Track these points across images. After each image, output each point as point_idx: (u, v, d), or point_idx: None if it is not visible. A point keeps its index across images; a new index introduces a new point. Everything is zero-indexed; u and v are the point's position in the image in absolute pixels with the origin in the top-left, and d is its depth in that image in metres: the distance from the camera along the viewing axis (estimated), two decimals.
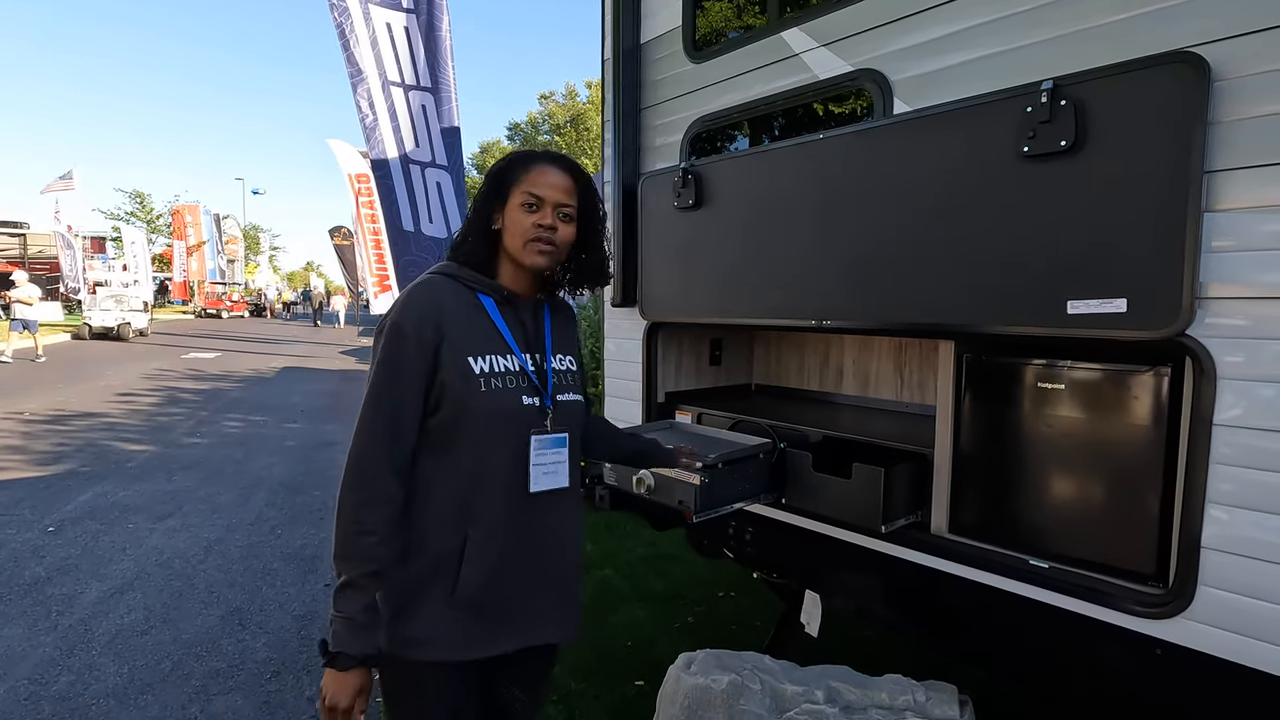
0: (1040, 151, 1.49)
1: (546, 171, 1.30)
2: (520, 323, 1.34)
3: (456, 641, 1.23)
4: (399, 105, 3.41)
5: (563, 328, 1.45)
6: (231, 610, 3.47)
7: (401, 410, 1.21)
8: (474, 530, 1.23)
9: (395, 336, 1.22)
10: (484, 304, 1.30)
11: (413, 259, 3.50)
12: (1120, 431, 1.53)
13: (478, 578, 1.22)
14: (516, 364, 1.29)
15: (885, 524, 1.84)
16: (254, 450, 6.91)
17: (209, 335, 22.00)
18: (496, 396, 1.24)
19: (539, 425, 1.29)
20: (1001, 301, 1.61)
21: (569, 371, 1.41)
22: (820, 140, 1.95)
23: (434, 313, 1.23)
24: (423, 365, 1.21)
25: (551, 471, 1.30)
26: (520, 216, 1.28)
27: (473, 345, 1.25)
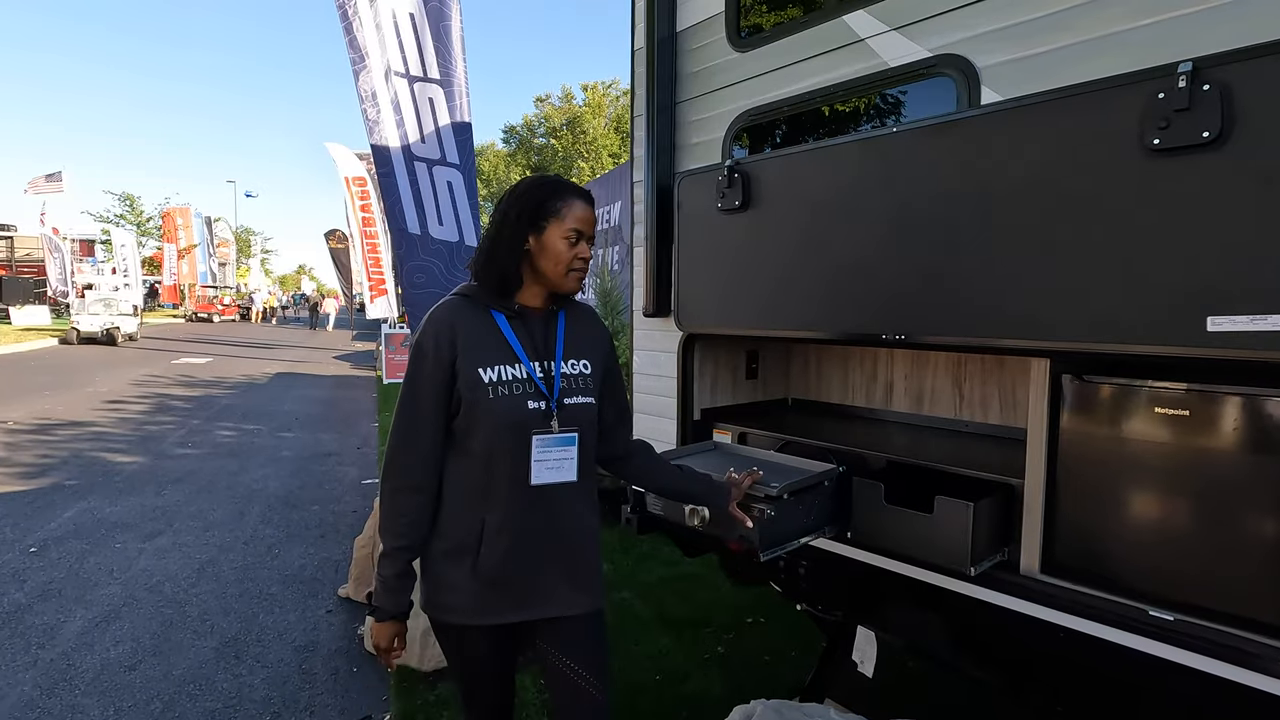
0: (1174, 144, 1.29)
1: (585, 209, 1.50)
2: (529, 334, 1.50)
3: (476, 608, 1.46)
4: (403, 97, 3.19)
5: (581, 331, 1.59)
6: (226, 641, 3.23)
7: (420, 418, 1.43)
8: (489, 517, 1.43)
9: (417, 355, 1.44)
10: (496, 320, 1.47)
11: (420, 264, 3.27)
12: (1266, 466, 1.33)
13: (494, 556, 1.43)
14: (524, 372, 1.46)
15: (974, 565, 1.63)
16: (248, 461, 6.66)
17: (200, 340, 21.65)
18: (503, 402, 1.41)
19: (543, 426, 1.45)
20: (1118, 316, 1.40)
21: (580, 375, 1.54)
22: (892, 135, 1.74)
23: (449, 332, 1.42)
24: (440, 378, 1.42)
25: (555, 467, 1.47)
26: (563, 248, 1.46)
27: (483, 357, 1.43)
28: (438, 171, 3.34)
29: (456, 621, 1.49)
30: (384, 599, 1.46)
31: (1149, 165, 1.34)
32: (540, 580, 1.49)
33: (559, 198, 1.47)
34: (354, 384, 12.75)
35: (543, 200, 1.47)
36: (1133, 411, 1.50)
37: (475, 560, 1.43)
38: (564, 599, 1.52)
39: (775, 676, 2.90)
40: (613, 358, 1.64)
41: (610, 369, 1.63)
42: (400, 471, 1.44)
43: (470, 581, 1.44)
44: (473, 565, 1.43)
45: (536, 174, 1.55)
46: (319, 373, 14.43)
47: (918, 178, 1.69)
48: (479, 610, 1.47)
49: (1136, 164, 1.35)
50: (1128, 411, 1.50)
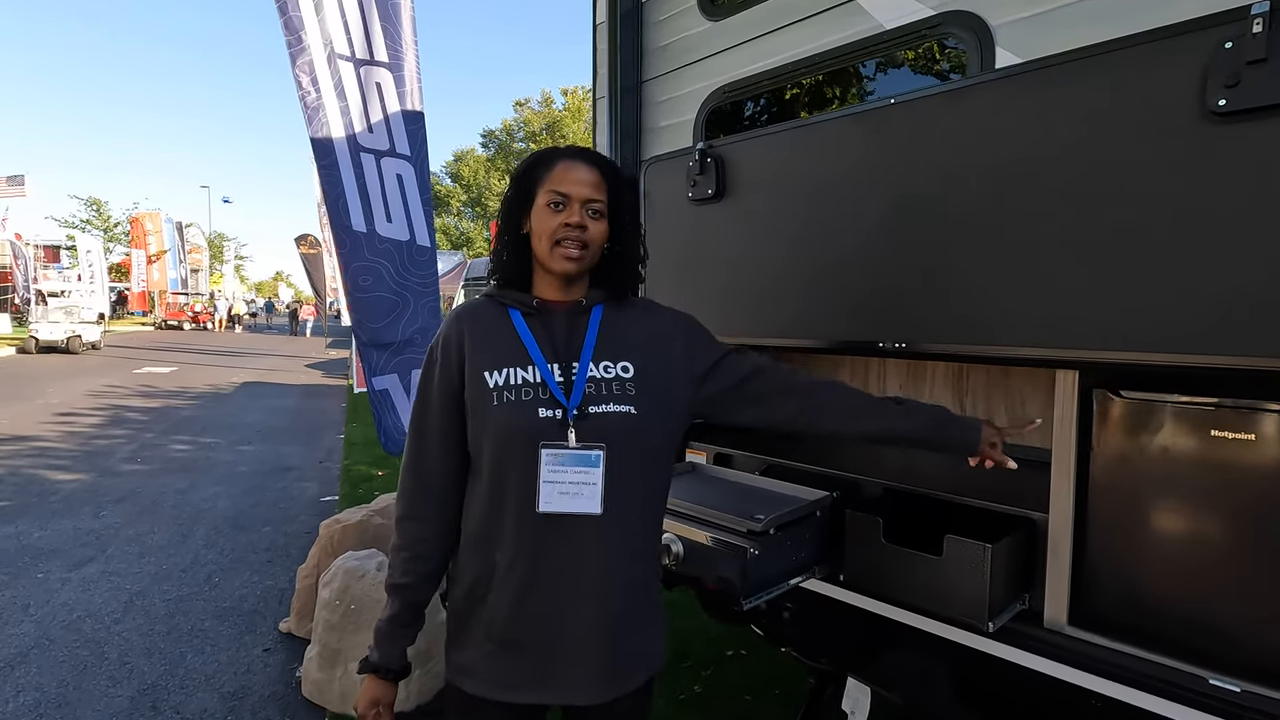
0: (1246, 105, 1.04)
1: (572, 166, 1.21)
2: (549, 332, 1.23)
3: (488, 676, 1.18)
4: (348, 81, 2.89)
5: (630, 327, 1.27)
6: (145, 688, 2.87)
7: (428, 433, 1.22)
8: (499, 556, 1.17)
9: (428, 362, 1.25)
10: (511, 316, 1.24)
11: (366, 264, 2.97)
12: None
13: (503, 608, 1.17)
14: (537, 375, 1.19)
15: (991, 620, 1.36)
16: (200, 478, 6.26)
17: (167, 348, 21.00)
18: (508, 409, 1.16)
19: (556, 438, 1.15)
20: (1166, 320, 1.15)
21: (617, 379, 1.21)
22: (891, 107, 1.48)
23: (458, 334, 1.22)
24: (450, 387, 1.20)
25: (571, 492, 1.15)
26: (546, 217, 1.19)
27: (491, 359, 1.19)
28: (386, 163, 3.04)
29: (469, 690, 1.20)
30: (374, 647, 1.24)
31: (1212, 133, 1.08)
32: (565, 651, 1.17)
33: (545, 163, 1.23)
34: (324, 393, 12.31)
35: (529, 169, 1.24)
36: (1181, 433, 1.24)
37: (486, 609, 1.19)
38: (596, 683, 1.19)
39: (758, 719, 2.62)
40: (705, 346, 1.30)
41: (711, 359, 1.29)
42: (404, 497, 1.24)
43: (483, 639, 1.19)
44: (485, 616, 1.19)
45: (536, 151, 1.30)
46: (289, 381, 13.96)
47: (921, 157, 1.44)
48: (491, 679, 1.19)
49: (1195, 132, 1.10)
50: (1175, 433, 1.25)
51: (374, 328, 3.00)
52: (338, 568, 2.84)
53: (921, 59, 1.56)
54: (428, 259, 3.16)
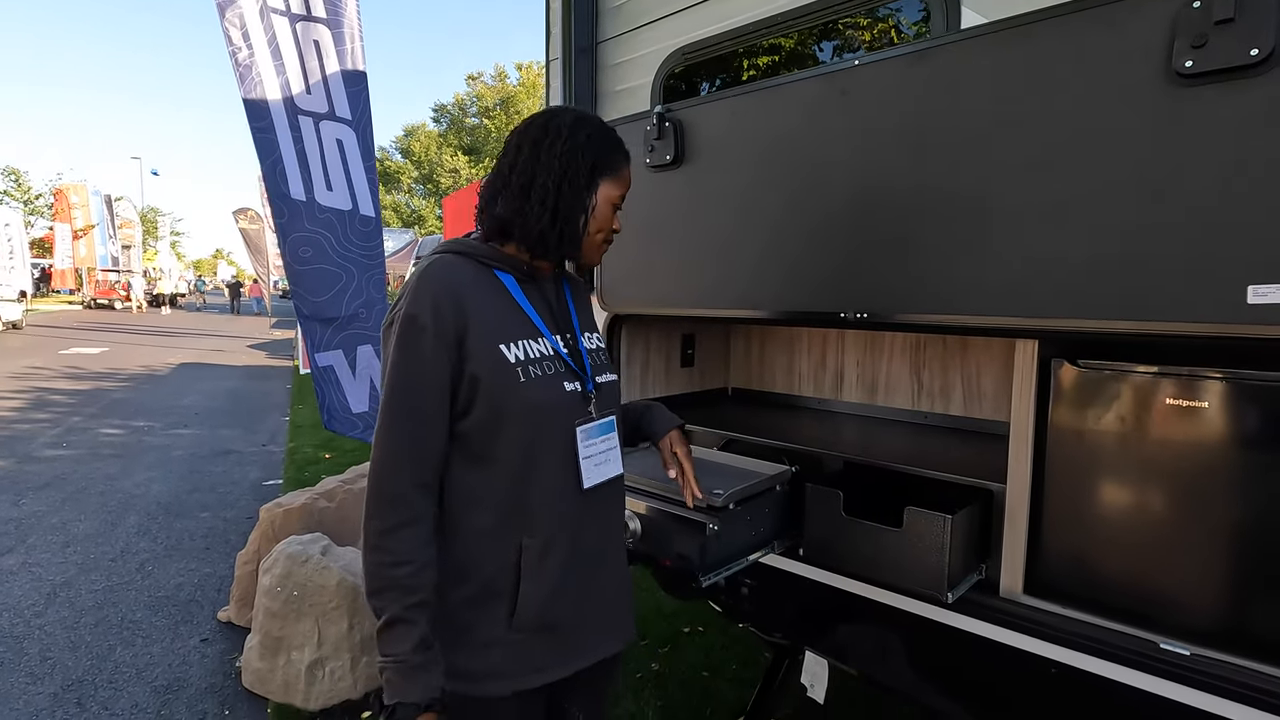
0: (1212, 67, 1.03)
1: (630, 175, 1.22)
2: (545, 301, 1.19)
3: (526, 668, 1.12)
4: (283, 38, 2.70)
5: (583, 303, 1.31)
6: (69, 684, 2.70)
7: (425, 415, 1.06)
8: (529, 541, 1.09)
9: (410, 329, 1.05)
10: (505, 283, 1.15)
11: (305, 235, 2.80)
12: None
13: (540, 594, 1.10)
14: (550, 347, 1.15)
15: (950, 590, 1.36)
16: (131, 463, 5.94)
17: (96, 328, 19.90)
18: (538, 386, 1.10)
19: (583, 413, 1.15)
20: (1129, 287, 1.14)
21: (599, 350, 1.27)
22: (855, 68, 1.44)
23: (453, 297, 1.07)
24: (446, 360, 1.05)
25: (603, 461, 1.18)
26: (609, 215, 1.18)
27: (502, 331, 1.10)
28: (326, 127, 2.87)
29: (498, 693, 1.10)
30: (405, 687, 1.00)
31: (1177, 95, 1.07)
32: (596, 617, 1.19)
33: (622, 154, 1.19)
34: (268, 375, 11.85)
35: (612, 151, 1.17)
36: (1139, 402, 1.24)
37: (514, 604, 1.09)
38: (616, 632, 1.24)
39: (715, 697, 2.62)
40: None
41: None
42: (397, 501, 1.04)
43: (507, 634, 1.09)
44: (510, 611, 1.09)
45: (591, 115, 1.20)
46: (230, 363, 13.39)
47: (886, 121, 1.40)
48: (521, 671, 1.11)
49: (1160, 95, 1.08)
50: (1131, 402, 1.25)
51: (316, 301, 2.85)
52: (279, 553, 2.71)
53: (886, 18, 1.52)
54: (372, 230, 3.01)
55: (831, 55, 1.82)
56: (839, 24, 1.61)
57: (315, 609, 2.59)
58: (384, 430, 1.05)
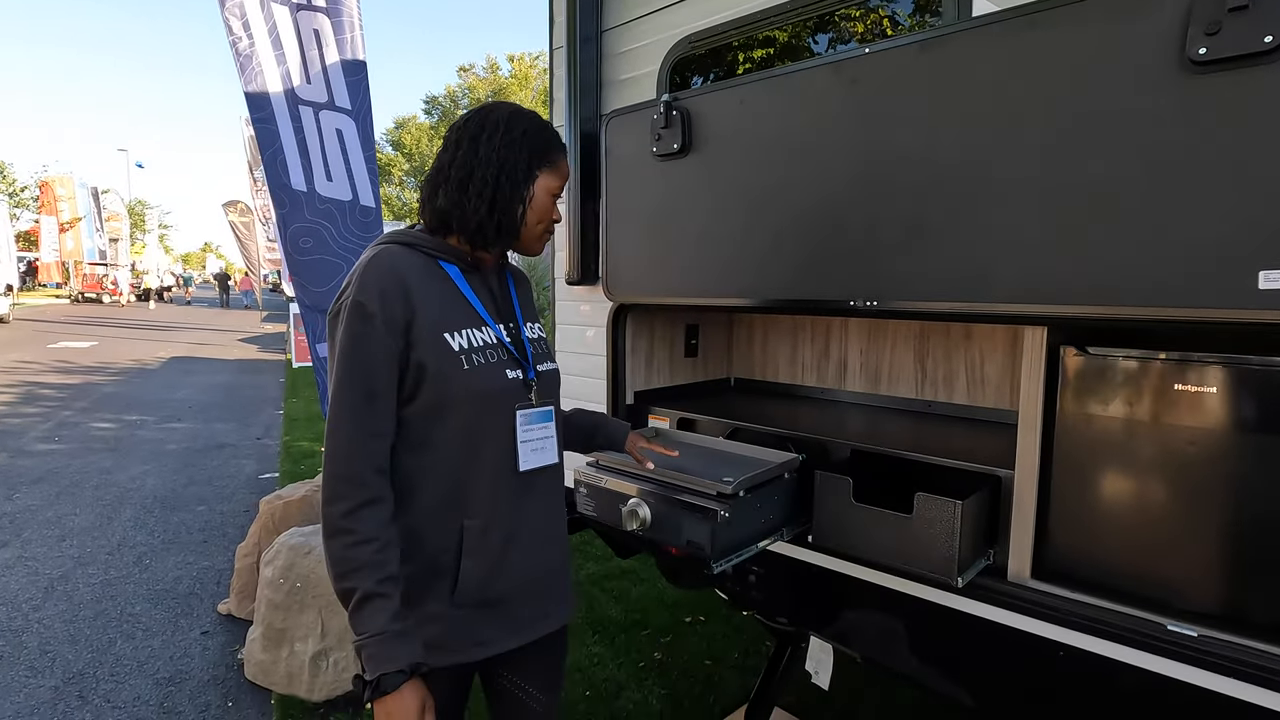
0: (1226, 54, 1.03)
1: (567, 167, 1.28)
2: (489, 291, 1.25)
3: (468, 641, 1.18)
4: (284, 27, 2.67)
5: (525, 294, 1.37)
6: (70, 677, 2.69)
7: (378, 400, 1.09)
8: (470, 521, 1.16)
9: (359, 316, 1.08)
10: (449, 273, 1.20)
11: (307, 226, 2.79)
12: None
13: (480, 571, 1.16)
14: (493, 336, 1.21)
15: (960, 575, 1.37)
16: (125, 457, 5.91)
17: (85, 322, 19.71)
18: (481, 374, 1.15)
19: (524, 399, 1.22)
20: (1139, 274, 1.15)
21: (541, 339, 1.34)
22: (865, 56, 1.44)
23: (399, 286, 1.11)
24: (394, 347, 1.09)
25: (540, 448, 1.24)
26: (549, 205, 1.24)
27: (446, 320, 1.15)
28: (326, 117, 2.85)
29: (438, 664, 1.15)
30: (388, 656, 1.02)
31: (1190, 83, 1.07)
32: (535, 593, 1.26)
33: (558, 147, 1.25)
34: (260, 369, 11.79)
35: (547, 145, 1.23)
36: (1147, 388, 1.26)
37: (454, 581, 1.15)
38: (556, 613, 1.32)
39: (719, 685, 2.64)
40: None
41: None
42: (355, 483, 1.07)
43: (449, 609, 1.16)
44: (450, 588, 1.15)
45: (526, 110, 1.25)
46: (221, 356, 13.30)
47: (897, 109, 1.40)
48: (461, 644, 1.17)
49: (1173, 82, 1.09)
50: (1140, 388, 1.26)
51: (317, 292, 2.84)
52: (281, 544, 2.70)
53: (899, 7, 1.52)
54: (373, 220, 3.00)
55: (828, 47, 1.82)
56: (847, 13, 1.61)
57: (318, 600, 2.59)
58: (339, 417, 1.08)
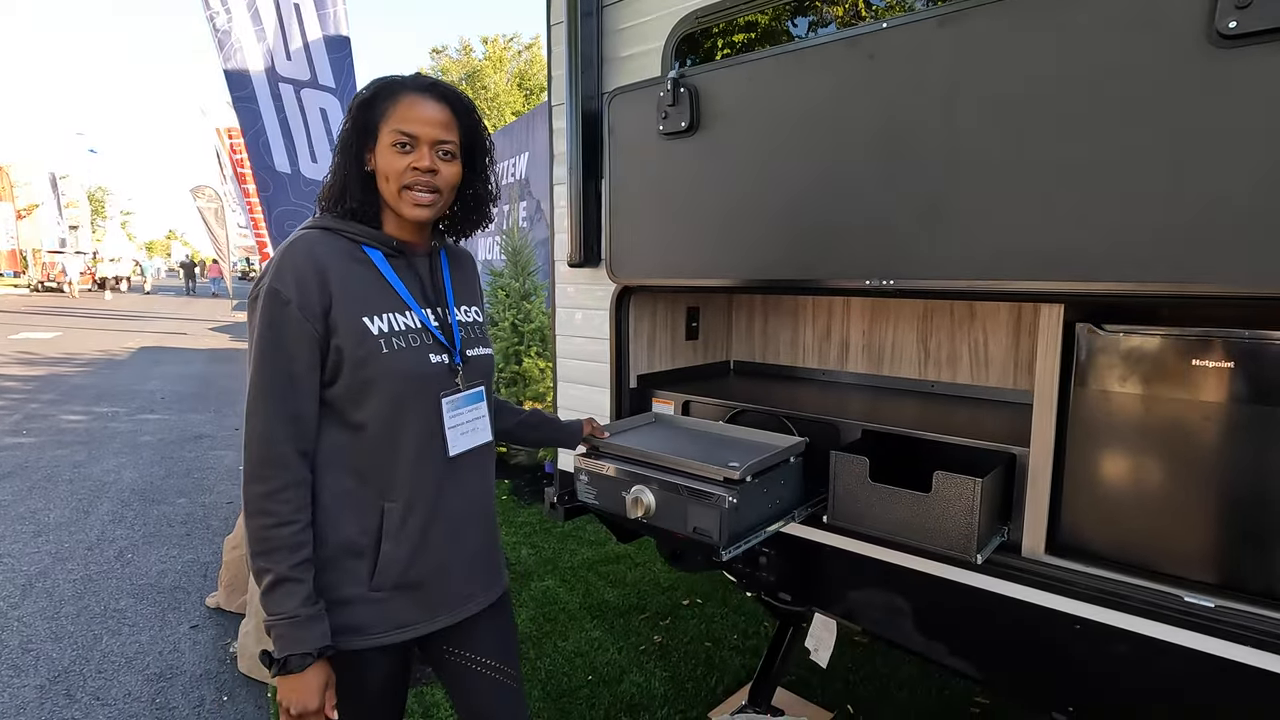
0: (1255, 28, 1.03)
1: (417, 102, 1.15)
2: (416, 275, 1.23)
3: (388, 624, 1.18)
4: (263, 2, 2.57)
5: (463, 277, 1.36)
6: (56, 675, 2.62)
7: (295, 383, 1.09)
8: (390, 505, 1.16)
9: (274, 303, 1.08)
10: (371, 258, 1.18)
11: (290, 209, 2.70)
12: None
13: (400, 554, 1.16)
14: (417, 320, 1.20)
15: (979, 552, 1.38)
16: (99, 450, 5.75)
17: (47, 312, 19.11)
18: (401, 357, 1.15)
19: (449, 385, 1.21)
20: (1160, 250, 1.15)
21: (475, 323, 1.33)
22: (883, 31, 1.42)
23: (316, 272, 1.10)
24: (311, 331, 1.09)
25: (470, 430, 1.25)
26: (393, 158, 1.14)
27: (366, 304, 1.14)
28: (308, 96, 2.76)
29: (355, 648, 1.15)
30: (295, 639, 1.06)
31: (1220, 57, 1.07)
32: (458, 575, 1.26)
33: (388, 96, 1.15)
34: (234, 357, 11.54)
35: (369, 100, 1.16)
36: (1163, 365, 1.27)
37: (374, 563, 1.15)
38: (482, 592, 1.32)
39: (720, 666, 2.65)
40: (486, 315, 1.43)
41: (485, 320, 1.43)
42: (276, 465, 1.08)
43: (367, 592, 1.15)
44: (370, 570, 1.15)
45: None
46: (192, 346, 13.00)
47: (915, 85, 1.38)
48: (382, 626, 1.17)
49: (1202, 56, 1.08)
50: (1157, 365, 1.27)
51: None
52: None
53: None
54: None
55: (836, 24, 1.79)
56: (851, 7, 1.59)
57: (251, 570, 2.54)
58: (258, 400, 1.08)
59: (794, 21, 1.86)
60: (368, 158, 1.17)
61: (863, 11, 1.80)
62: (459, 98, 1.21)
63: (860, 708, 2.40)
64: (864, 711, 2.39)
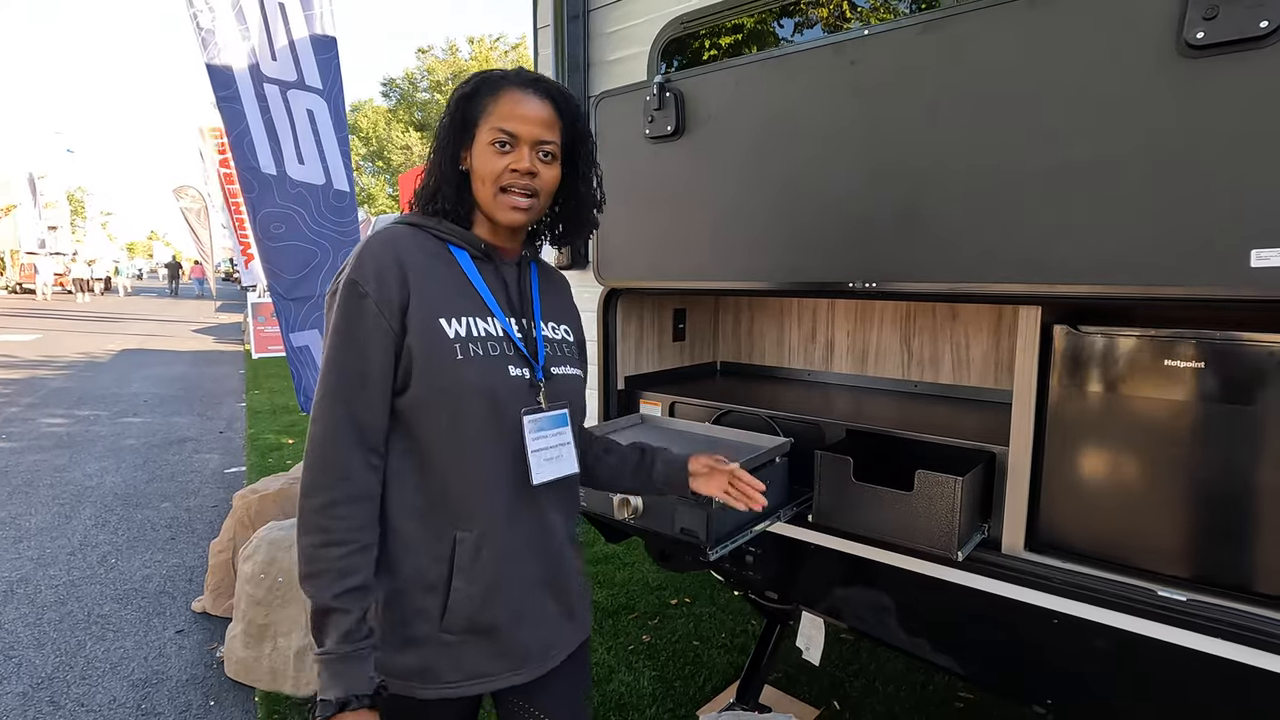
0: (1221, 39, 1.06)
1: (521, 99, 1.05)
2: (502, 281, 1.12)
3: (458, 673, 1.04)
4: (247, 2, 2.56)
5: (555, 295, 1.23)
6: (39, 682, 2.59)
7: (369, 384, 0.99)
8: (463, 534, 1.02)
9: (351, 295, 0.99)
10: (457, 258, 1.08)
11: (278, 211, 2.69)
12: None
13: (473, 593, 1.03)
14: (499, 327, 1.07)
15: (960, 549, 1.41)
16: (80, 453, 5.68)
17: (25, 314, 18.82)
18: (477, 365, 1.02)
19: (530, 402, 1.06)
20: (1134, 253, 1.18)
21: (564, 341, 1.18)
22: (864, 38, 1.44)
23: (397, 266, 1.01)
24: (388, 328, 0.99)
25: (555, 457, 1.08)
26: (490, 159, 1.04)
27: (445, 304, 1.03)
28: (295, 97, 2.75)
29: (426, 696, 1.03)
30: (331, 682, 0.93)
31: (1187, 67, 1.10)
32: (538, 622, 1.10)
33: (487, 90, 1.06)
34: (218, 359, 11.43)
35: (469, 95, 1.06)
36: (1137, 365, 1.30)
37: (445, 600, 1.02)
38: (564, 642, 1.15)
39: (708, 664, 2.67)
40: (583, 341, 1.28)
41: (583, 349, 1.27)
42: (337, 476, 0.96)
43: (437, 633, 1.02)
44: (441, 608, 1.02)
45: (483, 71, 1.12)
46: (175, 348, 12.85)
47: (896, 91, 1.41)
48: (453, 675, 1.03)
49: (1171, 65, 1.12)
50: (1131, 365, 1.30)
51: (290, 279, 2.75)
52: (260, 539, 2.63)
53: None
54: (346, 205, 2.91)
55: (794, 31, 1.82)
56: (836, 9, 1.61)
57: (301, 595, 2.53)
58: (325, 401, 0.98)
59: (780, 23, 1.89)
60: (463, 156, 1.08)
61: (847, 12, 1.83)
62: (564, 95, 1.10)
63: (847, 704, 2.43)
64: (850, 707, 2.42)
